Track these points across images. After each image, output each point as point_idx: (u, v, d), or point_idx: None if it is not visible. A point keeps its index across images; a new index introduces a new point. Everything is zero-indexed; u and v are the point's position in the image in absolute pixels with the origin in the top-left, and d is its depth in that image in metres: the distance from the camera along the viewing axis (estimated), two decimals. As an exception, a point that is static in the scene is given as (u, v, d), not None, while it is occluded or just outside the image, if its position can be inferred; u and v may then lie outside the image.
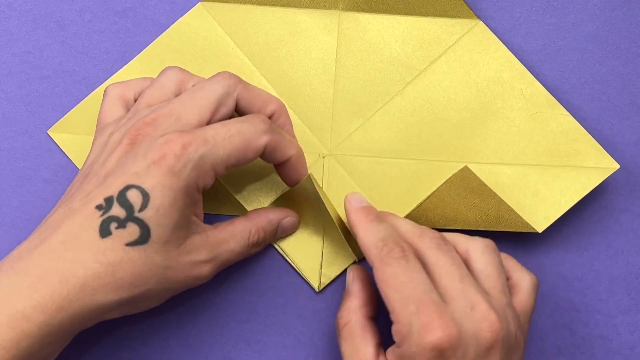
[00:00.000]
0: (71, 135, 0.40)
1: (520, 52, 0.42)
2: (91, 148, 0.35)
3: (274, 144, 0.35)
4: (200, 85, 0.35)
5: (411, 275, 0.32)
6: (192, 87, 0.35)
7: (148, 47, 0.41)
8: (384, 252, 0.33)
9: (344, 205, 0.37)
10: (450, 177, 0.39)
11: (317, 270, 0.40)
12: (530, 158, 0.40)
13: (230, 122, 0.34)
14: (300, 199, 0.39)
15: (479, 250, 0.35)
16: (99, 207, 0.31)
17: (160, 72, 0.37)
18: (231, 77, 0.35)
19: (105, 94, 0.37)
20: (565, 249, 0.41)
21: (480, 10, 0.42)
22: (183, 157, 0.31)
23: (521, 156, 0.40)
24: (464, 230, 0.37)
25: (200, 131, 0.32)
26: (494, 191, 0.39)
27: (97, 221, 0.31)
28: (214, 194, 0.40)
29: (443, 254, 0.34)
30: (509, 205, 0.39)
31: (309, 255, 0.40)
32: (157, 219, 0.31)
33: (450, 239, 0.36)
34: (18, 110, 0.41)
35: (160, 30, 0.42)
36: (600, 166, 0.39)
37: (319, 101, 0.41)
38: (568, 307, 0.41)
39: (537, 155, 0.40)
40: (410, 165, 0.40)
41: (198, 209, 0.34)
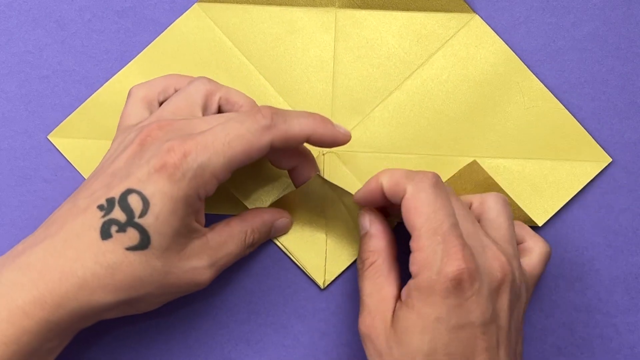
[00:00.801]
0: (71, 139, 0.40)
1: (520, 52, 0.41)
2: (109, 148, 0.35)
3: (280, 138, 0.33)
4: (181, 91, 0.35)
5: (443, 204, 0.33)
6: (176, 94, 0.35)
7: (145, 50, 0.41)
8: (417, 177, 0.33)
9: (367, 186, 0.36)
10: (459, 171, 0.40)
11: (322, 268, 0.40)
12: (527, 151, 0.40)
13: (230, 123, 0.33)
14: (302, 197, 0.39)
15: (492, 201, 0.36)
16: (100, 208, 0.32)
17: (190, 81, 0.36)
18: (266, 115, 0.34)
19: (129, 95, 0.37)
20: (565, 249, 0.41)
21: (480, 10, 0.42)
22: (182, 167, 0.31)
23: (519, 150, 0.40)
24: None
25: (201, 137, 0.32)
26: (499, 185, 0.39)
27: (99, 222, 0.31)
28: (215, 194, 0.40)
29: (456, 199, 0.35)
30: (512, 199, 0.39)
31: (312, 253, 0.40)
32: (157, 226, 0.31)
33: (465, 198, 0.37)
34: (18, 110, 0.41)
35: (160, 29, 0.41)
36: (593, 160, 0.40)
37: (318, 99, 0.41)
38: (568, 307, 0.41)
39: (535, 148, 0.40)
40: (410, 159, 0.41)
41: (199, 215, 0.34)
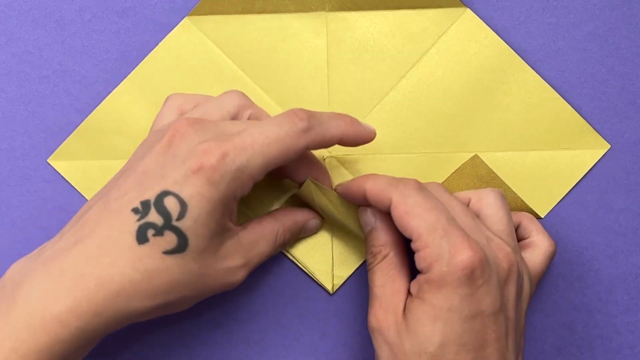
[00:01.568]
0: (72, 161, 0.40)
1: (520, 52, 0.41)
2: (138, 147, 0.35)
3: (316, 142, 0.34)
4: (216, 98, 0.35)
5: (434, 203, 0.33)
6: (211, 97, 0.35)
7: (138, 67, 0.41)
8: (401, 186, 0.34)
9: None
10: (460, 166, 0.40)
11: (329, 272, 0.40)
12: (527, 143, 0.40)
13: (268, 125, 0.33)
14: (306, 202, 0.39)
15: (491, 197, 0.36)
16: (135, 211, 0.31)
17: (223, 93, 0.36)
18: (303, 118, 0.34)
19: (165, 102, 0.37)
20: (565, 249, 0.41)
21: (480, 10, 0.42)
22: (221, 169, 0.31)
23: (518, 142, 0.41)
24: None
25: (238, 137, 0.32)
26: (501, 179, 0.39)
27: (134, 226, 0.31)
28: None
29: (451, 198, 0.35)
30: (515, 192, 0.39)
31: (319, 258, 0.40)
32: (195, 228, 0.31)
33: (462, 195, 0.37)
34: (18, 110, 0.41)
35: (160, 29, 0.41)
36: (592, 148, 0.40)
37: (314, 104, 0.41)
38: (568, 307, 0.41)
39: (534, 140, 0.41)
40: (411, 159, 0.41)
41: (233, 215, 0.33)
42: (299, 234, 0.38)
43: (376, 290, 0.34)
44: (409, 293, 0.34)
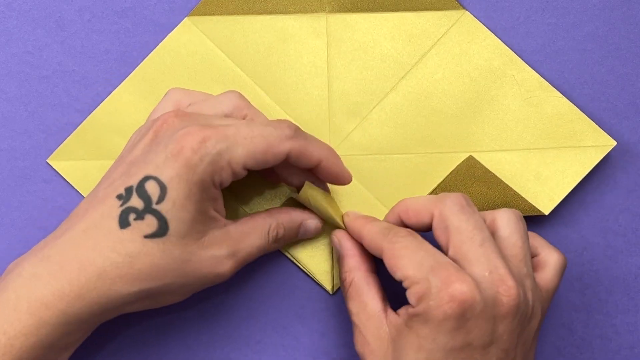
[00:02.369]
0: (71, 162, 0.40)
1: (520, 52, 0.42)
2: (129, 139, 0.36)
3: (298, 151, 0.34)
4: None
5: (421, 245, 0.33)
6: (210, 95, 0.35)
7: (138, 67, 0.41)
8: (391, 234, 0.34)
9: (343, 222, 0.37)
10: (455, 167, 0.40)
11: (329, 273, 0.40)
12: (529, 142, 0.40)
13: (255, 123, 0.33)
14: (305, 204, 0.39)
15: (505, 218, 0.35)
16: (119, 197, 0.32)
17: (222, 93, 0.36)
18: (290, 126, 0.34)
19: (165, 95, 0.37)
20: (565, 249, 0.41)
21: (480, 10, 0.42)
22: (200, 151, 0.31)
23: (520, 141, 0.41)
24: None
25: (222, 127, 0.32)
26: (499, 178, 0.39)
27: (117, 211, 0.31)
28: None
29: (466, 217, 0.33)
30: (514, 190, 0.39)
31: (319, 258, 0.40)
32: (174, 212, 0.31)
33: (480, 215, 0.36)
34: (17, 110, 0.41)
35: (160, 30, 0.41)
36: (597, 144, 0.40)
37: (314, 105, 0.41)
38: (568, 307, 0.41)
39: (536, 138, 0.40)
40: (411, 159, 0.41)
41: (217, 204, 0.33)
42: (297, 233, 0.38)
43: (353, 319, 0.35)
44: (386, 310, 0.34)
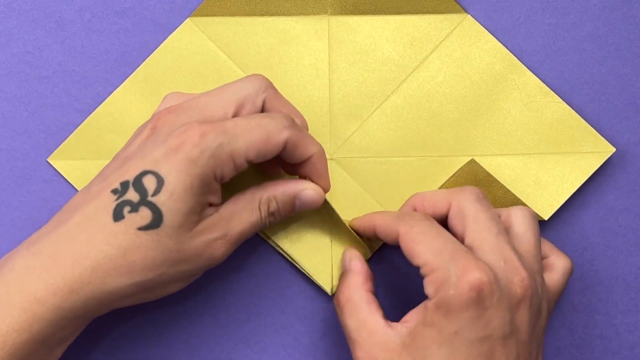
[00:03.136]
0: (71, 161, 0.40)
1: (520, 52, 0.42)
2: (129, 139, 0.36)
3: (295, 140, 0.34)
4: (230, 84, 0.35)
5: (439, 232, 0.33)
6: (222, 85, 0.35)
7: (140, 68, 0.41)
8: (407, 218, 0.34)
9: (359, 223, 0.38)
10: (457, 171, 0.40)
11: (329, 274, 0.40)
12: (529, 147, 0.41)
13: (251, 116, 0.33)
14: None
15: (520, 215, 0.36)
16: (114, 191, 0.31)
17: (246, 77, 0.36)
18: (262, 80, 0.35)
19: (162, 100, 0.37)
20: (566, 249, 0.41)
21: (480, 11, 0.42)
22: (201, 145, 0.31)
23: (520, 146, 0.41)
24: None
25: (220, 122, 0.32)
26: (500, 182, 0.39)
27: (112, 205, 0.31)
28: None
29: (483, 208, 0.34)
30: (515, 195, 0.39)
31: (318, 260, 0.40)
32: (170, 203, 0.31)
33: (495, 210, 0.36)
34: (17, 110, 0.41)
35: (160, 30, 0.41)
36: (597, 150, 0.40)
37: (315, 107, 0.41)
38: (568, 307, 0.41)
39: (536, 143, 0.41)
40: (411, 162, 0.41)
41: (216, 196, 0.33)
42: (293, 206, 0.36)
43: (352, 335, 0.34)
44: (387, 323, 0.34)
